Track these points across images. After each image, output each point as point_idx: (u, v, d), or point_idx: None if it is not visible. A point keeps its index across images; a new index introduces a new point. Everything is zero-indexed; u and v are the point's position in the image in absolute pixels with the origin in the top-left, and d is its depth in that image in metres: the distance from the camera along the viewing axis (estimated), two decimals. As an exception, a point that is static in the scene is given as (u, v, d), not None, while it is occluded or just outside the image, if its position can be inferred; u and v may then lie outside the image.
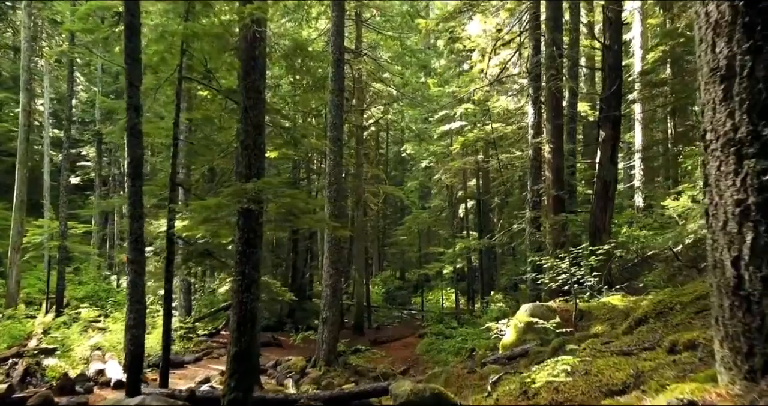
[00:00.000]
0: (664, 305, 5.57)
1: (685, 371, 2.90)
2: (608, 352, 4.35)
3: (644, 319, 5.63)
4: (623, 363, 3.54)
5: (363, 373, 14.80)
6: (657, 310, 5.58)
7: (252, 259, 6.90)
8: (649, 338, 4.60)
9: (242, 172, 6.96)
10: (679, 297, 5.56)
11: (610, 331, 7.00)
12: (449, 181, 25.27)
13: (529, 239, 12.88)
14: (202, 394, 8.42)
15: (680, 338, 3.55)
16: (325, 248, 14.47)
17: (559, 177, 12.69)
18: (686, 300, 5.38)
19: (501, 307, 17.88)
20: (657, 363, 3.33)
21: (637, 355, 3.95)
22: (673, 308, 5.44)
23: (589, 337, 6.82)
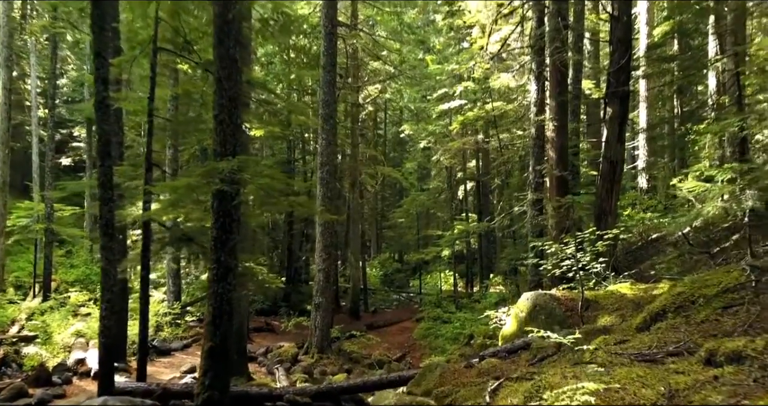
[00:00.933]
0: (685, 298, 4.96)
1: (735, 395, 2.31)
2: (626, 356, 3.75)
3: (662, 313, 5.03)
4: (649, 376, 2.94)
5: (357, 360, 14.32)
6: (676, 303, 4.98)
7: (228, 245, 6.28)
8: (673, 340, 3.99)
9: (217, 150, 6.30)
10: (701, 289, 4.94)
11: (620, 324, 6.41)
12: (448, 162, 24.58)
13: (531, 222, 12.26)
14: (180, 388, 7.87)
15: (720, 347, 2.94)
16: (318, 231, 13.86)
17: (562, 157, 12.01)
18: (710, 293, 4.77)
19: (500, 291, 17.36)
20: (693, 379, 2.72)
21: (664, 363, 3.35)
22: (695, 301, 4.83)
23: (597, 331, 6.23)
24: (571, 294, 8.09)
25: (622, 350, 4.06)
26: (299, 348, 14.54)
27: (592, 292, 8.18)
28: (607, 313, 7.16)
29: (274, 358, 13.21)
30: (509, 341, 8.06)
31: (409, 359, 15.20)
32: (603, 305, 7.54)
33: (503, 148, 20.27)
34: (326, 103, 13.79)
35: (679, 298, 5.01)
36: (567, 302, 7.87)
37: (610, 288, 8.27)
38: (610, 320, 6.83)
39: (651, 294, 7.26)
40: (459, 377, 6.57)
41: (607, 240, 8.02)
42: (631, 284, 8.19)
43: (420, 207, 27.44)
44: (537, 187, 12.51)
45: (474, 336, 14.61)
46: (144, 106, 8.85)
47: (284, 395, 7.56)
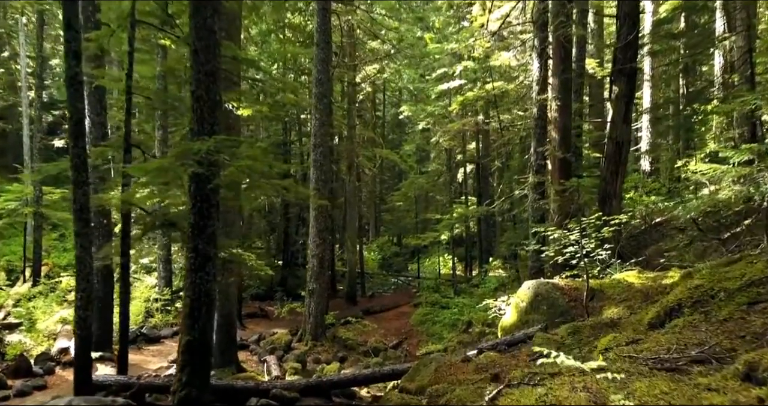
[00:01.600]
0: (703, 292, 4.51)
1: (794, 429, 1.87)
2: (642, 362, 3.30)
3: (677, 308, 4.57)
4: (676, 393, 2.49)
5: (352, 347, 13.97)
6: (694, 297, 4.52)
7: (206, 232, 5.81)
8: (694, 341, 3.54)
9: (194, 129, 5.80)
10: (721, 282, 4.49)
11: (629, 316, 5.97)
12: (447, 144, 24.02)
13: (532, 205, 11.79)
14: (162, 382, 7.46)
15: (762, 360, 2.48)
16: (312, 216, 13.39)
17: (566, 138, 11.50)
18: (732, 286, 4.31)
19: (500, 275, 16.95)
20: (730, 400, 2.27)
21: (689, 373, 2.89)
22: (714, 295, 4.38)
23: (604, 324, 5.79)
24: (574, 283, 7.64)
25: (637, 353, 3.61)
26: (293, 335, 14.17)
27: (596, 280, 7.74)
28: (614, 304, 6.72)
29: (266, 346, 12.83)
30: (509, 332, 7.65)
31: (406, 346, 14.85)
32: (609, 295, 7.10)
33: (503, 129, 19.70)
34: (320, 81, 13.21)
35: (697, 291, 4.55)
36: (570, 292, 7.43)
37: (615, 277, 7.82)
38: (617, 311, 6.39)
39: (660, 284, 6.81)
40: (455, 373, 6.15)
41: (613, 226, 7.55)
42: (638, 273, 7.75)
43: (419, 190, 26.96)
44: (539, 170, 12.02)
45: (472, 323, 14.26)
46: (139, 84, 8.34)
47: (271, 389, 7.16)
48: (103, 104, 11.26)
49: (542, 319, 7.26)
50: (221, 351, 10.40)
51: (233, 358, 10.54)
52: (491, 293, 15.50)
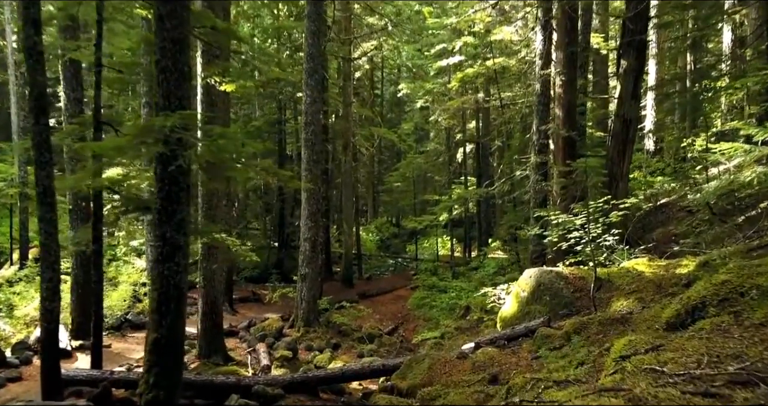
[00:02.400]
0: (731, 289, 3.95)
1: None
2: (669, 380, 2.76)
3: (701, 307, 4.03)
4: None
5: (347, 333, 13.51)
6: (720, 295, 3.97)
7: (175, 218, 5.24)
8: (728, 352, 3.00)
9: (159, 103, 5.19)
10: (752, 277, 3.93)
11: (641, 311, 5.44)
12: (446, 122, 23.31)
13: (534, 187, 11.20)
14: (137, 377, 6.92)
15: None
16: (303, 197, 12.81)
17: (570, 115, 10.87)
18: (766, 284, 3.76)
19: (499, 258, 16.44)
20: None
21: (731, 401, 2.35)
22: (745, 293, 3.83)
23: (614, 320, 5.26)
24: (579, 271, 7.10)
25: (660, 365, 3.06)
26: (285, 320, 13.71)
27: (603, 269, 7.20)
28: (623, 295, 6.19)
29: (257, 332, 12.36)
30: (509, 324, 7.14)
31: (402, 332, 14.41)
32: (617, 285, 6.57)
33: (504, 107, 19.00)
34: (311, 56, 12.51)
35: (724, 288, 4.00)
36: (575, 281, 6.90)
37: (624, 264, 7.28)
38: (627, 304, 5.86)
39: (674, 273, 6.28)
40: (450, 371, 5.65)
41: (622, 210, 6.99)
42: (649, 260, 7.21)
43: (417, 170, 26.34)
44: (541, 150, 11.40)
45: (470, 308, 13.78)
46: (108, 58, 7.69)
47: (253, 385, 6.67)
48: (79, 79, 10.60)
49: (545, 310, 6.74)
50: (207, 340, 9.93)
51: (220, 347, 10.07)
52: (490, 277, 15.04)
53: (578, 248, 7.48)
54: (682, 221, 12.17)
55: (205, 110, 9.58)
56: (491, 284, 14.47)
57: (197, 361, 9.86)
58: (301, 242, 12.93)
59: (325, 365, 9.16)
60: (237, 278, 21.29)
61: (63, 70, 10.48)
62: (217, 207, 9.90)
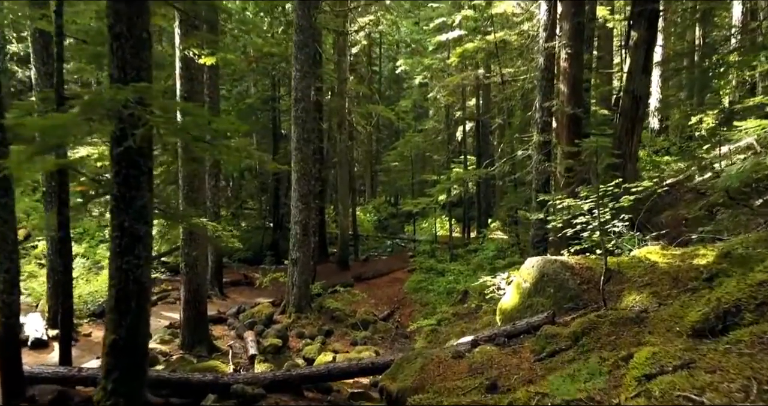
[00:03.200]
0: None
1: None
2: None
3: (734, 312, 3.46)
4: None
5: (340, 319, 13.03)
6: (758, 298, 3.41)
7: (135, 205, 4.65)
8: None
9: (113, 75, 4.55)
10: (797, 278, 3.35)
11: (658, 309, 4.87)
12: (446, 99, 22.53)
13: (536, 167, 10.56)
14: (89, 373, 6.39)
15: None
16: (293, 178, 12.20)
17: (576, 91, 10.19)
18: (815, 286, 3.18)
19: (499, 241, 15.90)
20: None
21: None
22: (789, 297, 3.25)
23: (628, 320, 4.69)
24: (586, 261, 6.53)
25: (697, 393, 2.50)
26: (276, 306, 13.23)
27: (613, 258, 6.60)
28: (635, 288, 5.62)
29: (246, 319, 11.86)
30: (509, 318, 6.59)
31: (398, 318, 13.93)
32: (629, 277, 6.00)
33: (505, 83, 18.24)
34: (301, 28, 11.77)
35: (763, 290, 3.43)
36: (582, 272, 6.33)
37: (635, 253, 6.71)
38: (640, 299, 5.30)
39: (691, 264, 5.70)
40: (445, 374, 5.11)
41: (634, 194, 6.39)
42: (662, 248, 6.63)
43: (415, 149, 25.63)
44: (544, 128, 10.73)
45: (468, 293, 13.30)
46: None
47: (232, 383, 6.15)
48: (50, 52, 9.87)
49: (548, 304, 6.19)
50: (190, 330, 9.43)
51: (204, 336, 9.57)
52: (489, 261, 14.51)
53: (584, 235, 6.89)
54: (692, 203, 11.58)
55: (185, 85, 8.92)
56: (490, 268, 13.97)
57: (180, 351, 9.39)
58: (291, 225, 12.36)
59: (314, 357, 8.68)
60: (230, 261, 20.82)
61: (32, 42, 9.78)
62: (200, 189, 9.30)
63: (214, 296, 14.27)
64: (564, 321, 5.66)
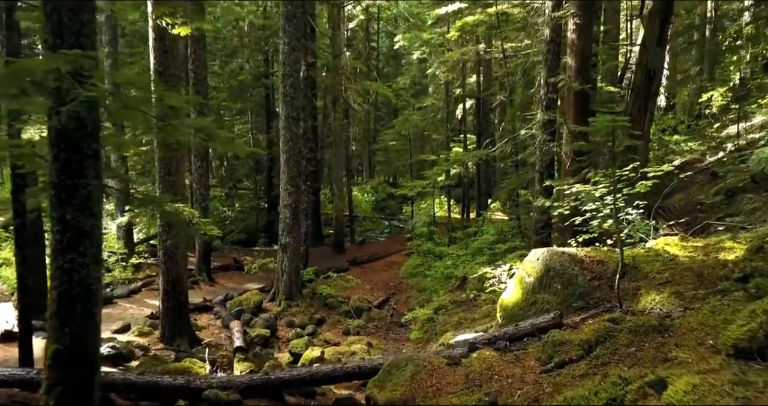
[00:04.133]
0: (837, 306, 2.74)
1: None
2: None
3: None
4: None
5: (333, 306, 12.48)
6: (820, 315, 2.76)
7: (78, 196, 3.98)
8: None
9: (48, 41, 3.84)
10: None
11: (684, 315, 4.24)
12: (445, 76, 21.66)
13: (540, 148, 9.87)
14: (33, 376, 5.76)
15: None
16: (282, 159, 11.51)
17: (584, 65, 9.44)
18: None
19: (499, 224, 15.27)
20: None
21: None
22: None
23: (650, 328, 4.07)
24: (597, 253, 5.88)
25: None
26: (266, 292, 12.65)
27: (626, 250, 5.96)
28: (654, 287, 5.00)
29: (233, 307, 11.30)
30: (511, 315, 5.98)
31: (393, 304, 13.38)
32: (646, 273, 5.37)
33: (507, 58, 17.41)
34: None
35: (827, 305, 2.79)
36: (592, 266, 5.69)
37: (651, 245, 6.07)
38: (660, 300, 4.68)
39: (716, 259, 5.07)
40: (438, 385, 4.52)
41: (651, 178, 5.72)
42: (681, 239, 5.99)
43: (413, 128, 24.83)
44: (549, 105, 10.00)
45: (467, 279, 12.73)
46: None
47: (204, 388, 5.57)
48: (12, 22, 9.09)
49: (555, 302, 5.57)
50: (170, 322, 8.85)
51: (185, 328, 8.99)
52: (489, 246, 13.90)
53: (594, 223, 6.24)
54: (705, 186, 10.94)
55: (158, 59, 8.18)
56: (490, 253, 13.37)
57: (160, 345, 8.83)
58: (281, 209, 11.71)
59: (301, 351, 8.12)
60: (222, 243, 20.22)
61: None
62: (178, 172, 8.62)
63: (201, 282, 13.71)
64: (573, 322, 5.05)
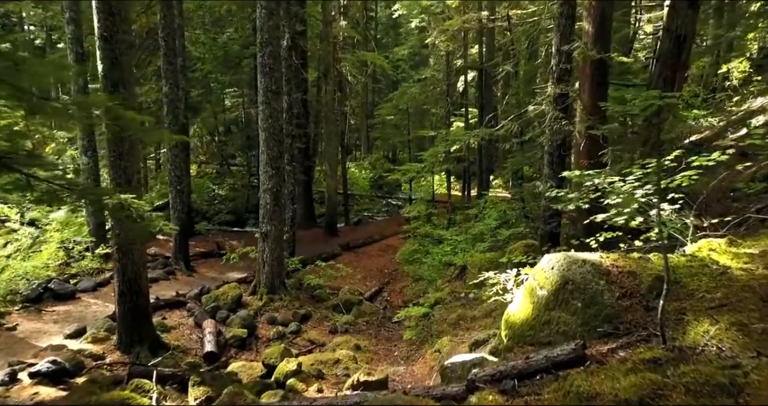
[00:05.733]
0: None
1: None
2: None
3: None
4: None
5: (321, 298, 11.49)
6: None
7: None
8: None
9: None
10: None
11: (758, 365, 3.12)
12: (445, 46, 20.26)
13: (551, 126, 8.66)
14: None
15: None
16: (261, 138, 10.33)
17: (604, 30, 8.16)
18: None
19: (501, 207, 14.11)
20: None
21: None
22: None
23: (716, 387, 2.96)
24: (626, 262, 4.73)
25: None
26: (249, 283, 11.61)
27: (658, 258, 4.84)
28: (705, 312, 3.87)
29: (209, 302, 10.26)
30: (519, 336, 4.88)
31: (387, 296, 12.38)
32: (690, 291, 4.23)
33: (513, 26, 16.01)
34: (265, -47, 9.61)
35: None
36: (622, 279, 4.56)
37: (692, 250, 4.93)
38: (718, 334, 3.55)
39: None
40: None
41: (694, 170, 4.57)
42: (729, 243, 4.85)
43: (412, 102, 23.48)
44: (561, 77, 8.74)
45: (467, 268, 11.68)
46: None
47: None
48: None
49: (574, 323, 4.47)
50: (128, 327, 7.79)
51: (146, 334, 7.93)
52: (491, 231, 12.78)
53: (619, 220, 5.11)
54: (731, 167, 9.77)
55: (104, 22, 6.96)
56: (492, 240, 12.26)
57: (117, 353, 7.80)
58: (261, 194, 10.57)
59: (276, 362, 7.07)
60: (209, 224, 19.15)
61: None
62: (131, 154, 7.45)
63: (178, 272, 12.66)
64: (599, 354, 3.96)
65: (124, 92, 7.17)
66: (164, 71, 12.17)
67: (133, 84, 7.50)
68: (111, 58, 7.10)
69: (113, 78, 7.15)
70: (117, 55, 7.13)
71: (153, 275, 12.08)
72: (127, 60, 7.28)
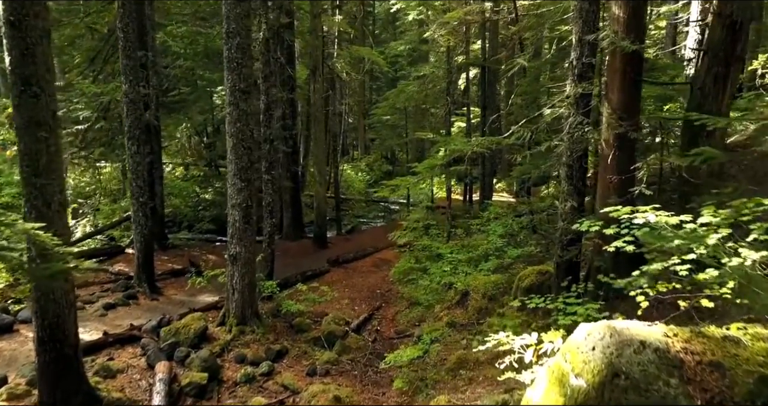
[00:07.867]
0: None
1: None
2: None
3: None
4: None
5: (301, 329, 10.00)
6: None
7: None
8: None
9: None
10: None
11: None
12: (445, 40, 18.73)
13: (570, 133, 7.14)
14: None
15: None
16: (229, 146, 8.84)
17: (638, 15, 6.67)
18: None
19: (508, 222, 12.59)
20: None
21: None
22: None
23: None
24: (705, 346, 3.21)
25: None
26: (218, 309, 10.14)
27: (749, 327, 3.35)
28: None
29: (168, 337, 8.78)
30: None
31: (377, 324, 10.90)
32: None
33: (519, 18, 14.51)
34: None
35: None
36: (702, 374, 3.05)
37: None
38: None
39: None
40: None
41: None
42: None
43: (410, 101, 21.94)
44: (583, 75, 7.18)
45: (470, 293, 10.23)
46: None
47: None
48: None
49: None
50: (50, 381, 6.30)
51: (74, 388, 6.44)
52: (496, 250, 11.29)
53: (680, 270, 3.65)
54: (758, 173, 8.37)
55: (10, 5, 5.50)
56: (497, 261, 10.77)
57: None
58: (228, 210, 9.07)
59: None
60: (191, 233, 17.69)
61: None
62: (51, 169, 5.96)
63: (141, 296, 11.17)
64: None
65: (38, 91, 5.70)
66: (123, 67, 10.68)
67: (52, 81, 6.00)
68: (21, 49, 5.63)
69: (24, 74, 5.68)
70: (29, 45, 5.65)
71: (110, 300, 10.64)
72: (43, 51, 5.79)
